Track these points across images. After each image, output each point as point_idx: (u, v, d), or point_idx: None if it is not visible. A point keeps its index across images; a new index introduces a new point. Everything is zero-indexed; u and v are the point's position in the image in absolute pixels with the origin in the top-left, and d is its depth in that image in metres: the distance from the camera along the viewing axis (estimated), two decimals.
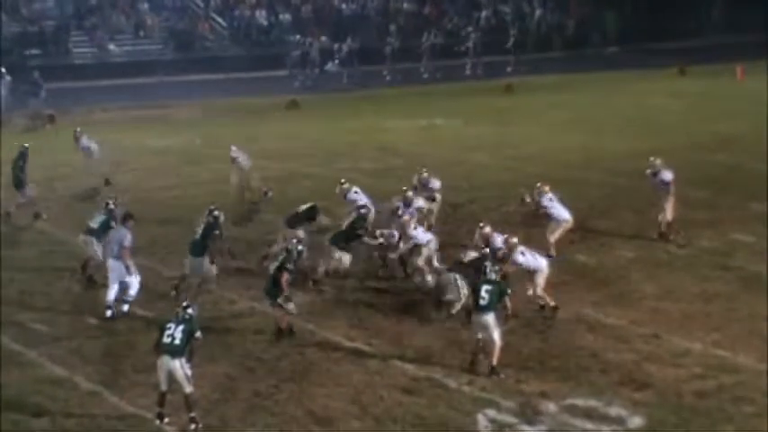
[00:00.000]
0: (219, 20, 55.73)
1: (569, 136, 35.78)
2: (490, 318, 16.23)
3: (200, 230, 20.07)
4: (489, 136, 35.84)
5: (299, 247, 18.27)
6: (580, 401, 15.23)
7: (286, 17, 56.33)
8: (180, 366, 14.71)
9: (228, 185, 27.01)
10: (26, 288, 20.50)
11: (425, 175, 23.94)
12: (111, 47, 52.42)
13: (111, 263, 19.29)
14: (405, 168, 30.34)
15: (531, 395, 15.46)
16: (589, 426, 14.60)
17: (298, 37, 52.70)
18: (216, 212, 20.21)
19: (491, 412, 14.98)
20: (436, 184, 23.91)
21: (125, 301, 19.07)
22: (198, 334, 15.09)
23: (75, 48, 52.21)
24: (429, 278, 19.61)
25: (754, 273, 20.07)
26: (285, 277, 17.60)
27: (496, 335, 16.18)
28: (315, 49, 51.83)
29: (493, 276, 16.97)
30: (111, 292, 19.05)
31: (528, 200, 21.98)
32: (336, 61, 52.58)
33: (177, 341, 14.76)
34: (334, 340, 17.69)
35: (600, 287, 19.75)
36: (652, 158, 23.44)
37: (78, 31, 53.08)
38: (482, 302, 16.28)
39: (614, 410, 14.97)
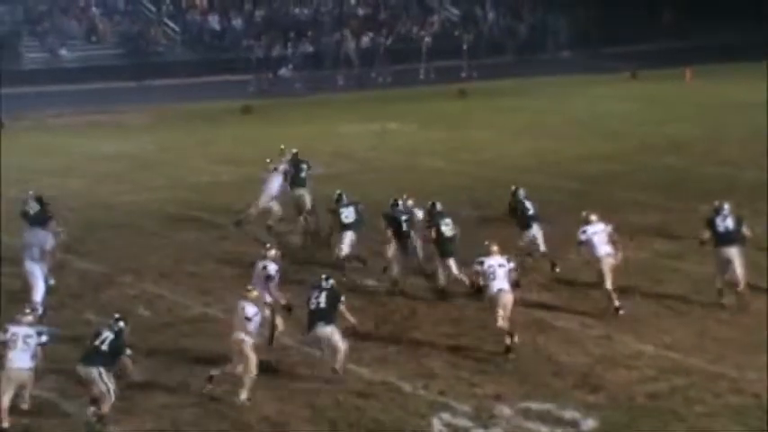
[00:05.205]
0: (172, 24, 55.50)
1: (523, 141, 35.97)
2: None
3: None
4: (443, 141, 35.94)
5: None
6: (534, 405, 15.30)
7: (238, 22, 56.22)
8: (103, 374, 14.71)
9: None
10: None
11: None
12: (63, 52, 52.07)
13: (30, 265, 19.21)
14: (357, 173, 30.42)
15: (486, 398, 15.52)
16: (543, 429, 14.67)
17: (251, 42, 52.66)
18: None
19: (446, 416, 15.02)
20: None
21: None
22: (128, 352, 15.12)
23: (27, 53, 51.82)
24: None
25: (705, 275, 20.21)
26: None
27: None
28: (269, 53, 51.87)
29: None
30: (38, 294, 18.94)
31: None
32: (290, 66, 52.54)
33: (106, 347, 14.84)
34: (289, 345, 17.67)
35: (551, 290, 19.83)
36: None
37: (30, 36, 52.70)
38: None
39: (568, 413, 15.04)
